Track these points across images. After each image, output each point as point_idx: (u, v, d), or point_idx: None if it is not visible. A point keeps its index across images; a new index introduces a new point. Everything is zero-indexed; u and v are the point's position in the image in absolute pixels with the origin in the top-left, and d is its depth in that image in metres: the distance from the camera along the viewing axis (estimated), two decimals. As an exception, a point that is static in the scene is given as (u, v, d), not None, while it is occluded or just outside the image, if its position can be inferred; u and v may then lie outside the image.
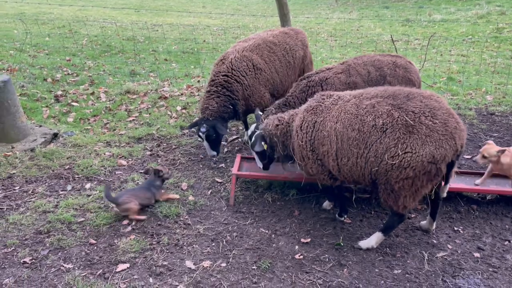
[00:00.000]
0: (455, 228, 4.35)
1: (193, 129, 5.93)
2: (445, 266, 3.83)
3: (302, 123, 4.18)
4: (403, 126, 3.57)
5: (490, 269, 3.78)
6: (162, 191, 4.74)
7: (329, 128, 3.96)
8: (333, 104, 4.07)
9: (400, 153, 3.55)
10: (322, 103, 4.15)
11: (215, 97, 5.49)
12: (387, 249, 4.04)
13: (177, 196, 4.78)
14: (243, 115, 5.86)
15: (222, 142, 5.85)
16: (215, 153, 5.50)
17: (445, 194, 4.01)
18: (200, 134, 5.34)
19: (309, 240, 4.16)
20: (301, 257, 3.92)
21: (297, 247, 4.07)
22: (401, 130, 3.57)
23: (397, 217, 3.92)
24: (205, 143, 5.43)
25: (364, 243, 4.05)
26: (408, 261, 3.87)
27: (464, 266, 3.82)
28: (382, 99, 3.79)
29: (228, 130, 6.11)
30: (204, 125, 5.31)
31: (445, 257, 3.94)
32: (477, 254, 3.97)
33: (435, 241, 4.15)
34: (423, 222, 4.31)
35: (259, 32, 6.47)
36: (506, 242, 4.12)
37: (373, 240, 4.03)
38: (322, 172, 4.20)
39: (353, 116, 3.83)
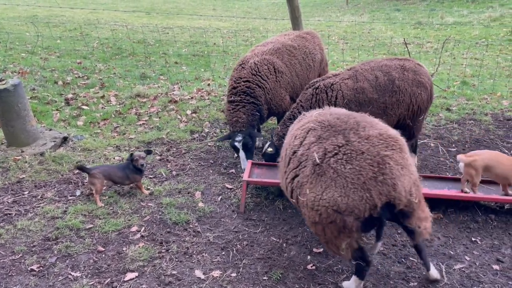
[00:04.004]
0: (473, 239, 4.21)
1: (225, 140, 5.84)
2: (463, 278, 3.69)
3: (286, 134, 4.08)
4: (313, 163, 3.21)
5: (510, 283, 3.64)
6: (138, 177, 4.87)
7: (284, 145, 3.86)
8: (301, 119, 3.88)
9: (308, 192, 3.22)
10: (302, 116, 3.95)
11: (241, 108, 5.41)
12: (403, 260, 3.92)
13: (146, 192, 4.90)
14: (266, 119, 5.87)
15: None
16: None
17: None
18: (236, 144, 5.26)
19: (321, 250, 4.04)
20: (314, 267, 3.81)
21: (309, 257, 3.96)
22: (310, 167, 3.23)
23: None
24: (241, 154, 5.32)
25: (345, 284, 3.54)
26: (424, 273, 3.74)
27: (483, 279, 3.68)
28: (320, 127, 3.39)
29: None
30: (239, 134, 5.26)
31: (463, 269, 3.80)
32: (496, 267, 3.82)
33: (452, 252, 4.02)
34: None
35: (275, 36, 6.41)
36: (527, 254, 3.98)
37: (352, 284, 3.45)
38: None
39: (289, 136, 3.65)
